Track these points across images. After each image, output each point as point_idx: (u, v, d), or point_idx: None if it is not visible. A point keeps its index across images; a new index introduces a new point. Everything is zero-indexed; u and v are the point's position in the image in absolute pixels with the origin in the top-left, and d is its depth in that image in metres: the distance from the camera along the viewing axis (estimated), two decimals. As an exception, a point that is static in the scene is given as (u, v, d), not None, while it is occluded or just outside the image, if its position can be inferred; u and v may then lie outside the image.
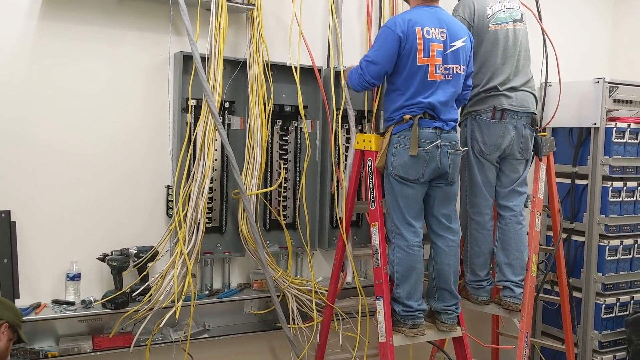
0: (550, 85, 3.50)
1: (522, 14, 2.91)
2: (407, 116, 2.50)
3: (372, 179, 2.65)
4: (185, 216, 2.61)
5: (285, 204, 3.08)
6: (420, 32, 2.46)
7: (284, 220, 3.04)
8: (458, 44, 2.55)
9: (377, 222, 2.61)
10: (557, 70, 3.04)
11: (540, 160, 2.95)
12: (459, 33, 2.58)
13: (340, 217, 2.93)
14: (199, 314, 2.83)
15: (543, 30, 3.07)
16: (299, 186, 3.08)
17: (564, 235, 3.45)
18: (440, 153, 2.52)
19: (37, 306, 2.56)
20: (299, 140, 3.09)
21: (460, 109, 2.85)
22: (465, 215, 2.90)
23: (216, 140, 2.69)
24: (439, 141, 2.50)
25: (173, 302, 2.56)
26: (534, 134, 2.88)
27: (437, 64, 2.49)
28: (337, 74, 3.03)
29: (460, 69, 2.57)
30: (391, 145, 2.54)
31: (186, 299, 2.61)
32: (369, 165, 2.66)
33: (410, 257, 2.52)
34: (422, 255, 2.56)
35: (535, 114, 2.87)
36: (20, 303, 2.53)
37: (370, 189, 2.65)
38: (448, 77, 2.53)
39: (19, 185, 2.55)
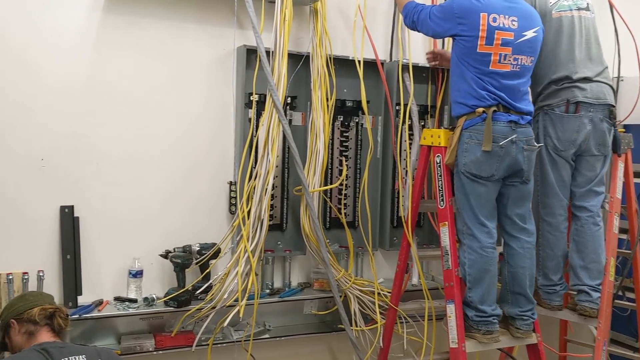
0: (622, 80, 3.32)
1: (588, 3, 2.75)
2: (480, 109, 2.37)
3: (440, 176, 2.53)
4: (248, 213, 2.54)
5: (345, 202, 2.99)
6: (485, 19, 2.35)
7: (344, 218, 2.95)
8: (529, 34, 2.43)
9: (447, 222, 2.49)
10: (637, 61, 2.86)
11: (619, 156, 2.78)
12: (532, 22, 2.46)
13: (404, 217, 2.82)
14: (259, 313, 2.74)
15: (620, 17, 2.89)
16: (359, 184, 2.99)
17: (638, 238, 3.25)
18: (516, 149, 2.38)
19: (99, 303, 2.54)
20: (359, 137, 3.00)
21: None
22: (537, 217, 2.75)
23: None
24: (514, 136, 2.37)
25: (236, 300, 2.50)
26: (612, 128, 2.71)
27: (503, 54, 2.37)
28: (404, 68, 2.93)
29: (528, 61, 2.45)
30: (462, 141, 2.42)
31: (248, 297, 2.55)
32: (438, 162, 2.54)
33: (484, 259, 2.40)
34: (496, 257, 2.43)
35: (614, 106, 2.70)
36: (82, 300, 2.52)
37: (439, 187, 2.54)
38: (516, 67, 2.41)
39: (83, 180, 2.53)
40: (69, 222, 2.50)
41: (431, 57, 2.98)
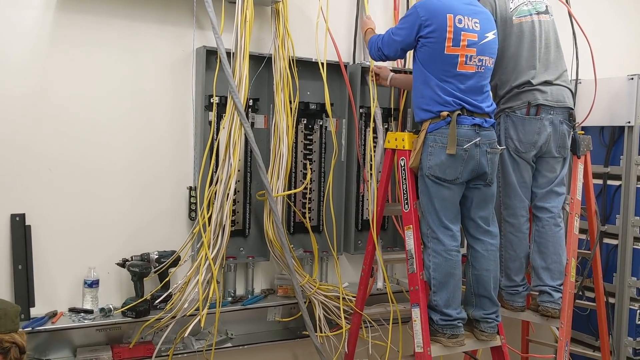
0: (580, 83, 3.39)
1: (547, 6, 2.78)
2: (445, 112, 2.36)
3: (405, 179, 2.51)
4: (209, 219, 2.47)
5: (309, 205, 2.95)
6: (451, 20, 2.35)
7: (309, 222, 2.91)
8: (490, 36, 2.47)
9: (411, 226, 2.47)
10: (592, 65, 2.92)
11: (579, 158, 2.82)
12: (491, 25, 2.51)
13: (370, 220, 2.79)
14: (221, 321, 2.67)
15: (573, 18, 2.92)
16: (324, 187, 2.95)
17: (596, 238, 3.32)
18: (479, 152, 2.39)
19: (53, 315, 2.43)
20: (323, 140, 2.97)
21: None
22: (499, 218, 2.77)
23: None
24: (478, 139, 2.37)
25: (196, 309, 2.43)
26: (572, 131, 2.75)
27: (468, 55, 2.38)
28: (364, 70, 2.91)
29: (491, 62, 2.48)
30: (426, 144, 2.41)
31: (210, 306, 2.48)
32: (402, 165, 2.52)
33: (448, 262, 2.39)
34: (460, 261, 2.42)
35: (573, 109, 2.74)
36: (35, 312, 2.42)
37: (403, 190, 2.52)
38: (481, 69, 2.42)
39: (34, 187, 2.42)
40: (20, 230, 2.38)
41: (373, 76, 2.88)
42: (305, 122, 2.92)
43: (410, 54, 2.76)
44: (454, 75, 2.37)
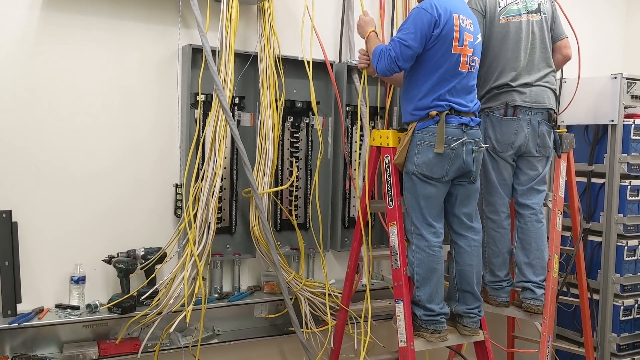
0: (565, 82, 3.41)
1: (540, 4, 2.79)
2: (434, 112, 2.39)
3: (389, 176, 2.54)
4: (195, 216, 2.49)
5: (296, 203, 2.97)
6: (457, 19, 2.38)
7: (295, 220, 2.93)
8: (479, 37, 2.51)
9: (395, 222, 2.50)
10: (577, 61, 2.95)
11: (559, 157, 2.85)
12: (478, 27, 2.54)
13: (355, 217, 2.82)
14: (208, 318, 2.70)
15: (567, 19, 2.94)
16: (310, 185, 2.97)
17: (580, 235, 3.35)
18: (465, 151, 2.41)
19: (39, 311, 2.45)
20: (310, 138, 2.99)
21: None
22: (482, 215, 2.79)
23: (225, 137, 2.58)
24: (464, 138, 2.40)
25: (182, 306, 2.45)
26: (552, 131, 2.78)
27: (468, 55, 2.42)
28: (350, 69, 2.94)
29: (478, 63, 2.52)
30: (414, 142, 2.42)
31: (196, 302, 2.50)
32: (386, 162, 2.55)
33: (431, 258, 2.42)
34: (442, 256, 2.46)
35: (553, 110, 2.77)
36: (22, 307, 2.43)
37: (387, 187, 2.54)
38: (473, 69, 2.47)
39: (21, 184, 2.44)
40: (6, 227, 2.40)
41: (365, 57, 2.73)
42: (291, 120, 2.94)
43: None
44: (455, 74, 2.39)
